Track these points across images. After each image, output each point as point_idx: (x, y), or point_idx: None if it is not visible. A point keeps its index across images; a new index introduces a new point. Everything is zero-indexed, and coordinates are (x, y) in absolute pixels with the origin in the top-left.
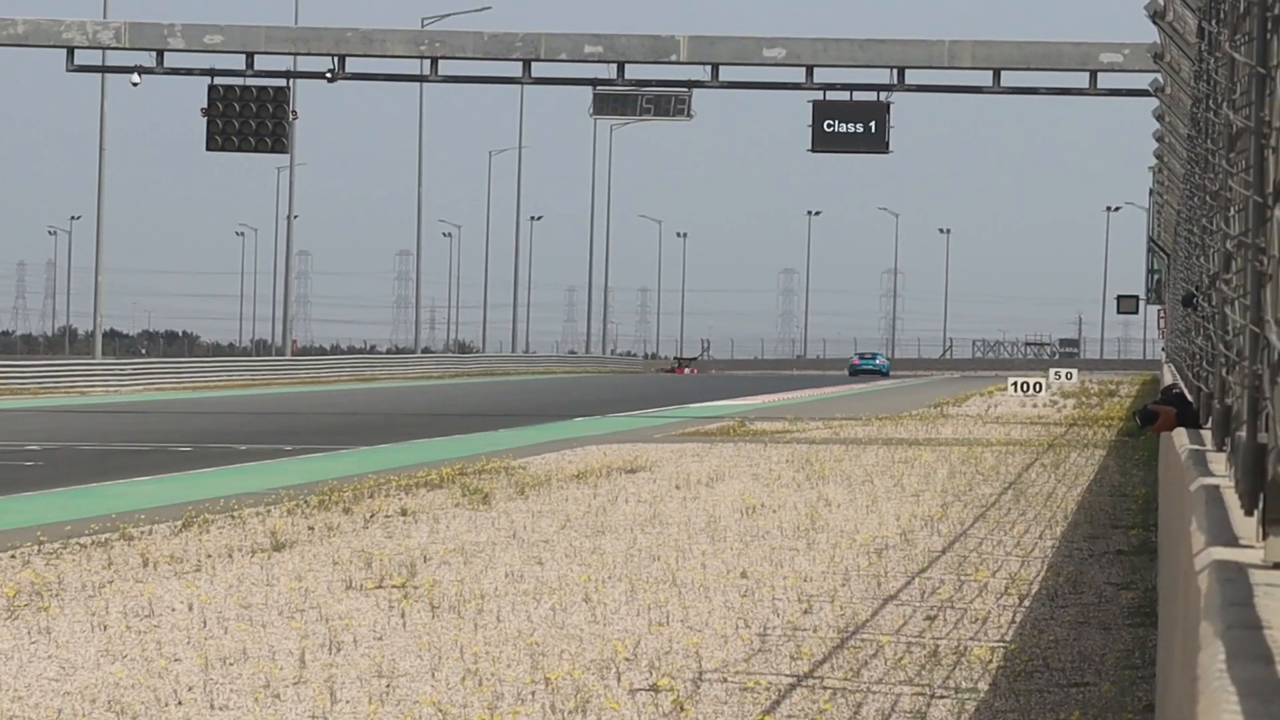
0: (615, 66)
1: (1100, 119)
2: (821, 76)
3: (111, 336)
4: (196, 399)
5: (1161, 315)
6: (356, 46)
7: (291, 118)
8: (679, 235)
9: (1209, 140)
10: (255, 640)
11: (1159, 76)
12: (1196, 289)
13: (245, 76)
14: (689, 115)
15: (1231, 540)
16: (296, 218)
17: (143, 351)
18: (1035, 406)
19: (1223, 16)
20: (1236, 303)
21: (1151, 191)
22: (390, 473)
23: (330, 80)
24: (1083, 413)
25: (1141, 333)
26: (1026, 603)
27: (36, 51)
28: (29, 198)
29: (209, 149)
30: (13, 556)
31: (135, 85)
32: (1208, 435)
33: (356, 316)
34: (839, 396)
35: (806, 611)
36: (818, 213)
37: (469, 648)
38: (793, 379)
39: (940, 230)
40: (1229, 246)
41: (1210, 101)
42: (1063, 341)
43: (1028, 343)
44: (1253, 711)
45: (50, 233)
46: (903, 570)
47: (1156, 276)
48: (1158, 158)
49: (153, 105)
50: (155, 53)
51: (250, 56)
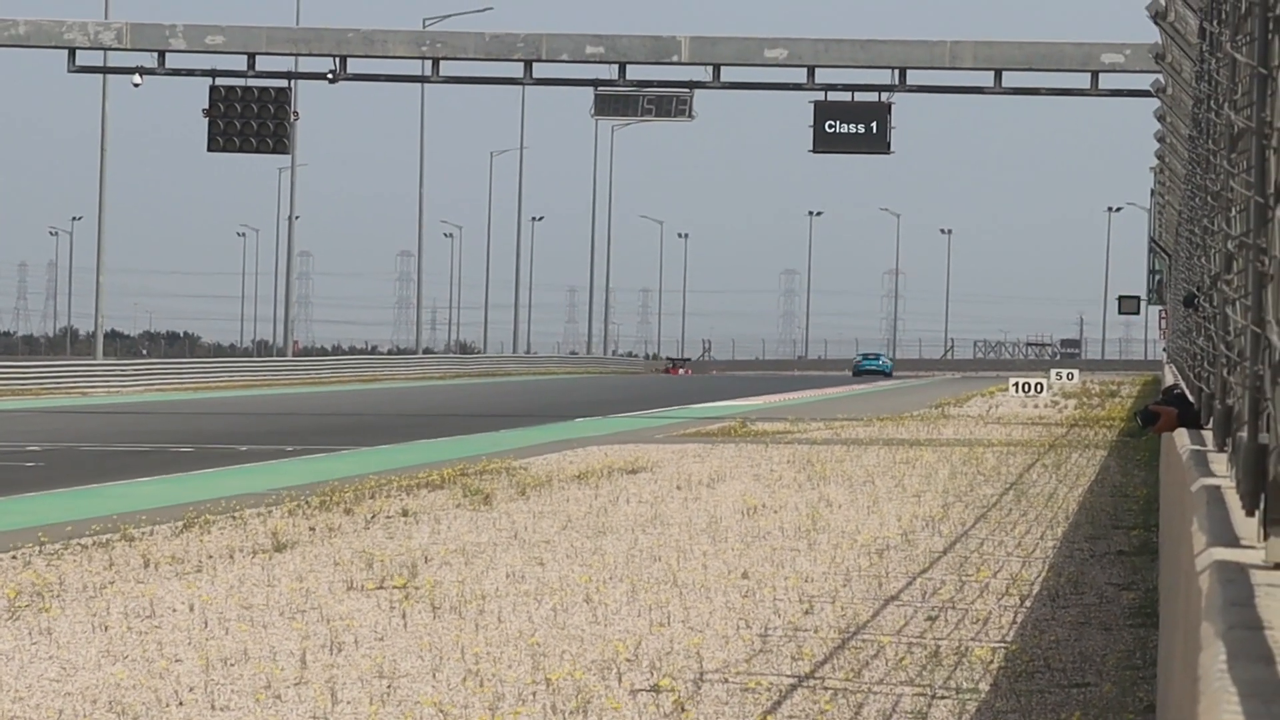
0: (616, 67)
1: (1101, 119)
2: (823, 77)
3: (113, 337)
4: (198, 400)
5: (1163, 316)
6: (358, 47)
7: (293, 118)
8: (680, 236)
9: (1210, 141)
10: (256, 641)
11: (1160, 77)
12: (1198, 289)
13: (246, 77)
14: (690, 116)
15: (1232, 541)
16: (298, 218)
17: (144, 352)
18: (1036, 407)
19: (1224, 17)
20: (1238, 303)
21: (1153, 192)
22: (391, 473)
23: (331, 81)
24: (1084, 413)
25: (1143, 333)
26: (1028, 603)
27: (38, 52)
28: (30, 198)
29: (210, 149)
30: (14, 557)
31: (136, 86)
32: (1209, 436)
33: (358, 317)
34: (840, 397)
35: (808, 612)
36: (819, 213)
37: (470, 648)
38: (794, 379)
39: (941, 231)
40: (1230, 247)
41: (1212, 102)
42: (1064, 342)
43: (1029, 343)
44: (1254, 712)
45: (51, 233)
46: (904, 571)
47: (1158, 277)
48: (1159, 158)
49: (154, 106)
50: (157, 53)
51: (251, 57)
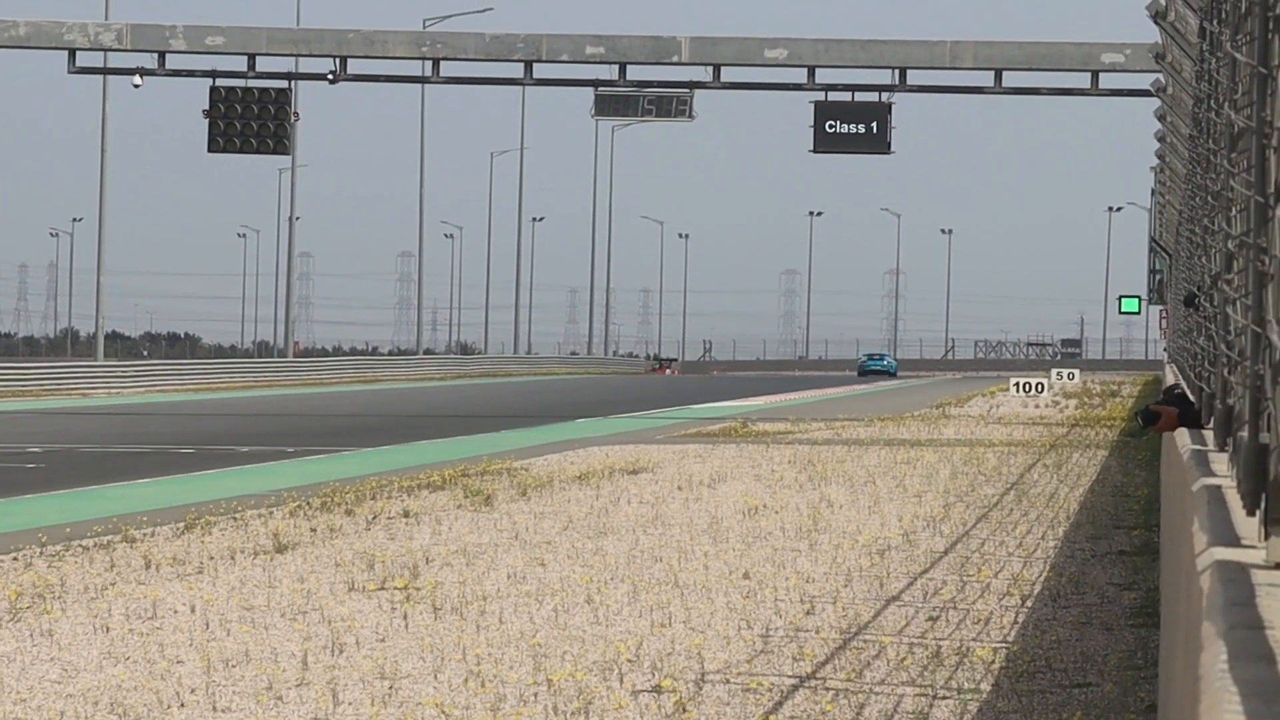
0: (617, 67)
1: (1102, 119)
2: (823, 77)
3: (113, 338)
4: (198, 401)
5: (1163, 315)
6: (358, 48)
7: (293, 119)
8: (681, 236)
9: (1210, 140)
10: (258, 642)
11: (1160, 76)
12: (1198, 289)
13: (247, 78)
14: (691, 116)
15: (1233, 540)
16: (298, 219)
17: (144, 353)
18: (1037, 407)
19: (1224, 16)
20: (1238, 303)
21: (1153, 191)
22: (392, 474)
23: (332, 81)
24: (1085, 413)
25: (1144, 333)
26: (1029, 603)
27: (38, 53)
28: (31, 199)
29: (210, 150)
30: (15, 559)
31: (137, 87)
32: (1209, 435)
33: (358, 318)
34: (841, 397)
35: (809, 612)
36: (819, 213)
37: (471, 649)
38: (795, 380)
39: (942, 231)
40: (1230, 246)
41: (1212, 101)
42: (1065, 342)
43: (1030, 343)
44: (1255, 712)
45: (52, 234)
46: (905, 571)
47: (1158, 276)
48: (1159, 158)
49: (154, 107)
50: (157, 54)
51: (252, 58)
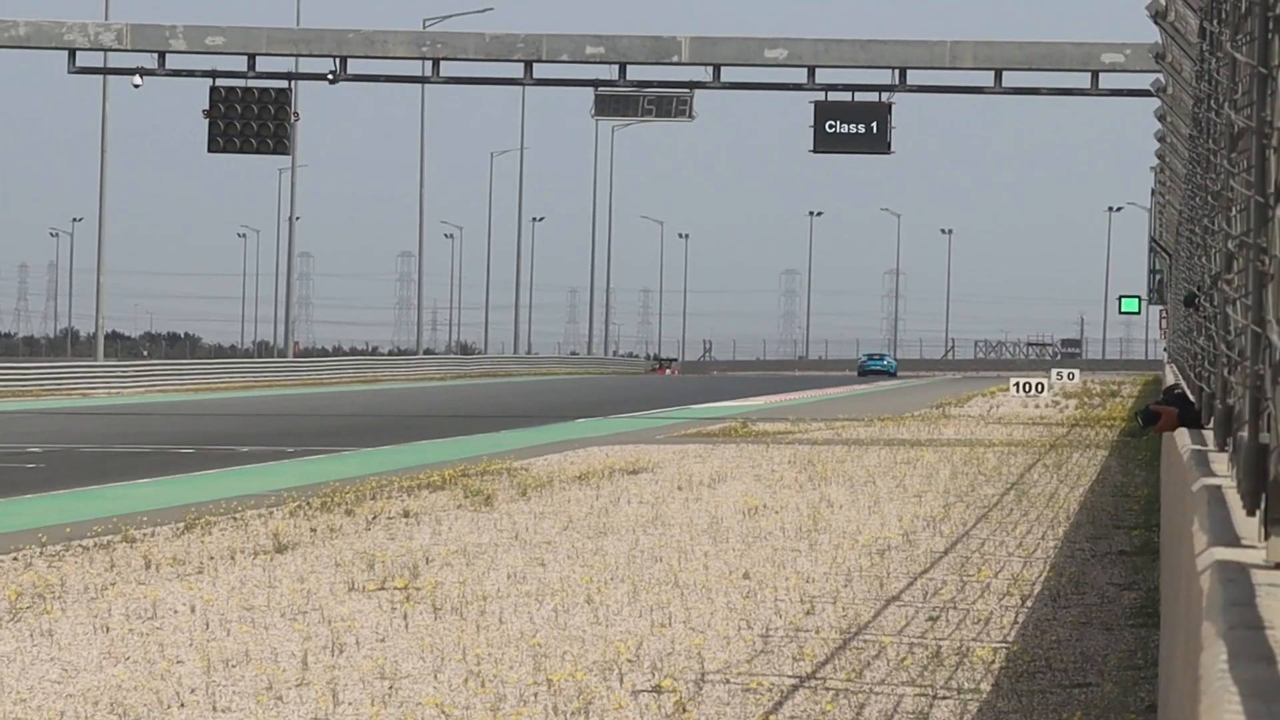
0: (617, 67)
1: (1102, 119)
2: (823, 77)
3: (113, 338)
4: (198, 401)
5: (1163, 315)
6: (358, 48)
7: (293, 119)
8: (681, 236)
9: (1210, 140)
10: (258, 642)
11: (1160, 76)
12: (1198, 289)
13: (247, 78)
14: (691, 116)
15: (1233, 540)
16: (298, 219)
17: (144, 353)
18: (1037, 407)
19: (1224, 16)
20: (1238, 303)
21: (1153, 191)
22: (392, 474)
23: (332, 81)
24: (1085, 413)
25: (1144, 333)
26: (1029, 603)
27: (38, 53)
28: (31, 199)
29: (210, 150)
30: (15, 559)
31: (137, 87)
32: (1209, 435)
33: (358, 318)
34: (841, 397)
35: (809, 612)
36: (819, 213)
37: (471, 649)
38: (795, 380)
39: (942, 231)
40: (1230, 246)
41: (1212, 101)
42: (1065, 342)
43: (1030, 343)
44: (1255, 712)
45: (52, 234)
46: (905, 571)
47: (1158, 276)
48: (1159, 158)
49: (154, 107)
50: (157, 54)
51: (252, 58)
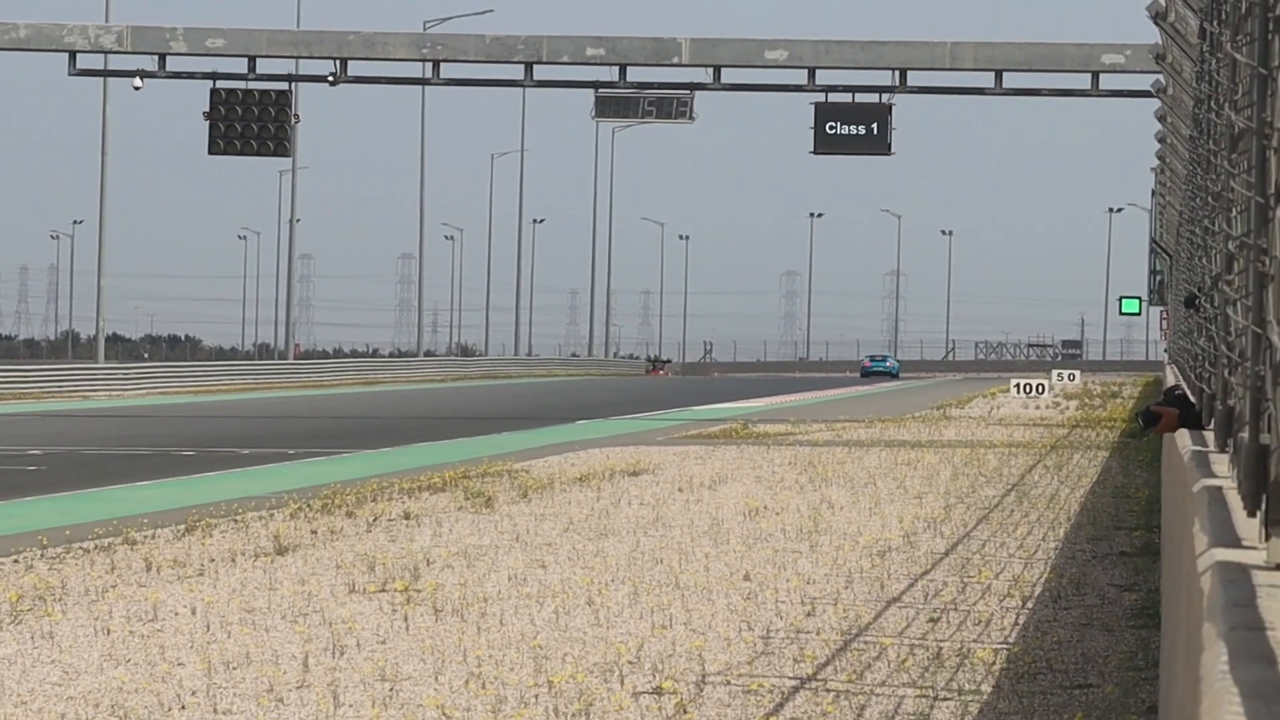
0: (617, 69)
1: (1102, 120)
2: (823, 78)
3: (114, 341)
4: (199, 403)
5: (1164, 316)
6: (358, 49)
7: (293, 121)
8: (681, 238)
9: (1211, 141)
10: (258, 644)
11: (1161, 77)
12: (1199, 290)
13: (247, 80)
14: (691, 117)
15: (1234, 541)
16: (299, 221)
17: (145, 356)
18: (1038, 408)
19: (1224, 17)
20: (1238, 304)
21: (1153, 192)
22: (393, 476)
23: (332, 83)
24: (1085, 414)
25: (1144, 334)
26: (1030, 604)
27: (38, 56)
28: (31, 202)
29: (211, 152)
30: (15, 561)
31: (137, 89)
32: (1210, 436)
33: (359, 320)
34: (841, 399)
35: (810, 614)
36: (820, 215)
37: (472, 651)
38: (796, 381)
39: (942, 232)
40: (1231, 247)
41: (1212, 102)
42: (1065, 343)
43: (1030, 344)
44: (1255, 712)
45: (53, 237)
46: (906, 572)
47: (1159, 277)
48: (1160, 159)
49: (155, 109)
50: (157, 56)
51: (252, 60)
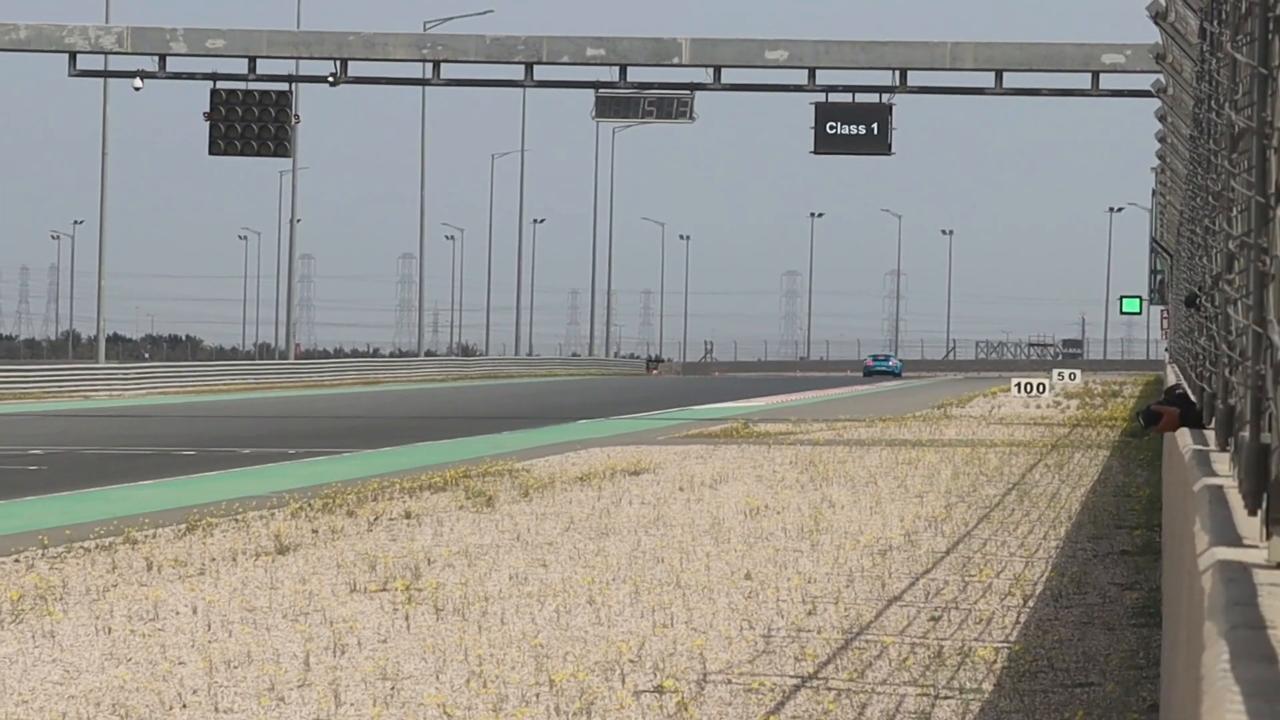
0: (617, 69)
1: (1102, 120)
2: (824, 78)
3: (114, 341)
4: (199, 403)
5: (1165, 316)
6: (359, 50)
7: (294, 121)
8: (682, 238)
9: (1211, 141)
10: (260, 643)
11: (1161, 77)
12: (1199, 289)
13: (247, 80)
14: (691, 118)
15: (1235, 540)
16: (299, 221)
17: (146, 356)
18: (1039, 407)
19: (1224, 17)
20: (1239, 303)
21: (1154, 192)
22: (394, 475)
23: (332, 84)
24: (1086, 413)
25: (1145, 333)
26: (1031, 603)
27: (39, 56)
28: (32, 202)
29: (211, 153)
30: (17, 560)
31: (138, 90)
32: (1211, 435)
33: (360, 319)
34: (842, 398)
35: (811, 613)
36: (820, 214)
37: (473, 650)
38: (796, 380)
39: (943, 231)
40: (1231, 247)
41: (1212, 102)
42: (1066, 342)
43: (1031, 344)
44: (1256, 711)
45: (53, 237)
46: (907, 571)
47: (1159, 277)
48: (1160, 158)
49: (155, 109)
50: (158, 57)
51: (252, 60)
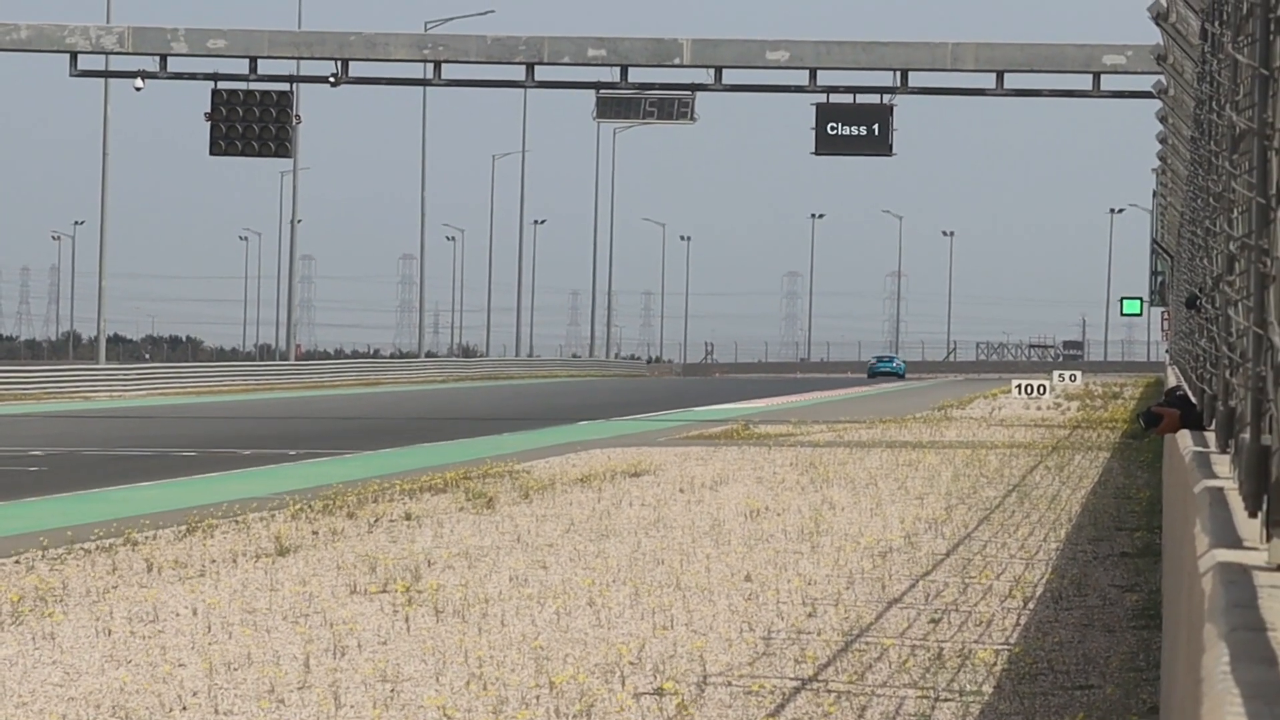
0: (618, 70)
1: (1103, 121)
2: (825, 79)
3: (115, 341)
4: (200, 404)
5: (1165, 317)
6: (360, 50)
7: (295, 122)
8: (682, 238)
9: (1212, 142)
10: (260, 645)
11: (1162, 78)
12: (1200, 291)
13: (248, 81)
14: (692, 118)
15: (1235, 542)
16: (300, 222)
17: (146, 356)
18: (1039, 409)
19: (1226, 18)
20: (1240, 305)
21: (1155, 193)
22: (394, 477)
23: (333, 84)
24: (1087, 415)
25: (1145, 335)
26: (1031, 605)
27: (40, 56)
28: (32, 203)
29: (212, 153)
30: (17, 562)
31: (139, 90)
32: (1211, 437)
33: (360, 320)
34: (843, 400)
35: (811, 615)
36: (821, 215)
37: (473, 652)
38: (797, 382)
39: (944, 233)
40: (1232, 248)
41: (1213, 103)
42: (1066, 344)
43: (1032, 345)
44: (1256, 713)
45: (54, 238)
46: (907, 573)
47: (1160, 278)
48: (1161, 159)
49: (156, 110)
50: (158, 57)
51: (253, 61)
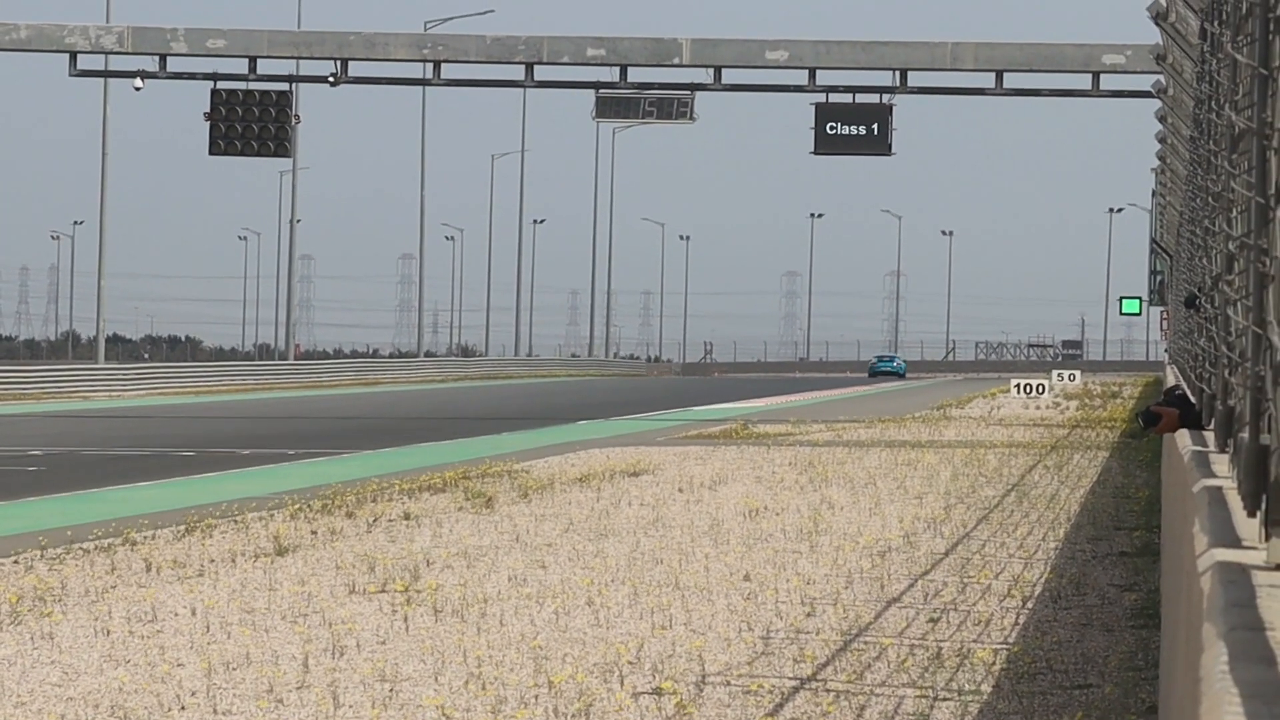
0: (618, 69)
1: (1103, 120)
2: (824, 79)
3: (114, 341)
4: (199, 404)
5: (1164, 317)
6: (359, 50)
7: (294, 121)
8: (682, 238)
9: (1211, 142)
10: (258, 645)
11: (1161, 78)
12: (1199, 290)
13: (248, 80)
14: (692, 118)
15: (1234, 542)
16: (299, 221)
17: (145, 356)
18: (1038, 408)
19: (1225, 18)
20: (1239, 304)
21: (1154, 193)
22: (393, 477)
23: (333, 84)
24: (1086, 414)
25: (1144, 334)
26: (1029, 605)
27: (39, 56)
28: (32, 202)
29: (212, 153)
30: (15, 562)
31: (138, 90)
32: (1210, 437)
33: (359, 320)
34: (842, 399)
35: (810, 614)
36: (820, 215)
37: (472, 651)
38: (796, 381)
39: (943, 232)
40: (1231, 248)
41: (1212, 103)
42: (1065, 343)
43: (1030, 344)
44: (1255, 713)
45: (53, 237)
46: (906, 573)
47: (1159, 278)
48: (1160, 159)
49: (155, 109)
50: (158, 57)
51: (253, 60)
